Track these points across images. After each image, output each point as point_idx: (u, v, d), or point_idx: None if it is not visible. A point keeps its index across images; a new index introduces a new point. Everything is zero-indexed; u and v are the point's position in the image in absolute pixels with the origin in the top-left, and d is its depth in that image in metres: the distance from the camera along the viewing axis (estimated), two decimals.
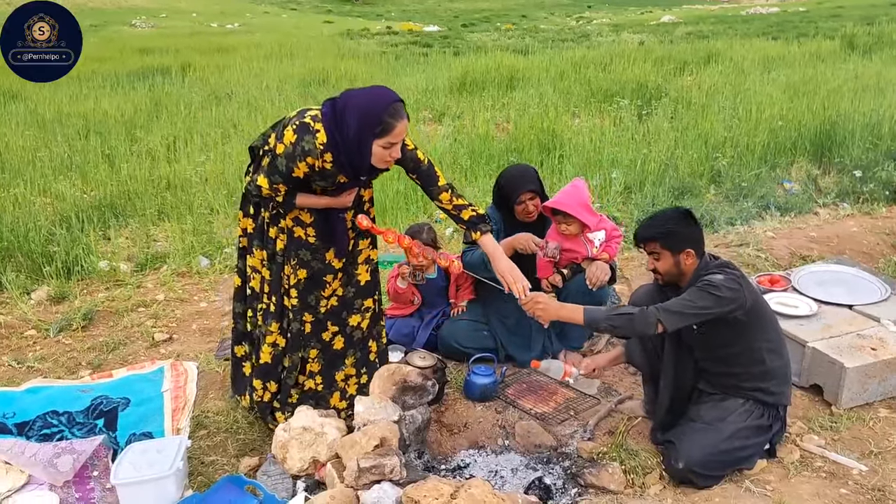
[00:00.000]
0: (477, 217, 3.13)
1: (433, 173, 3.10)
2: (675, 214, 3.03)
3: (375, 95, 2.82)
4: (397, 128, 2.75)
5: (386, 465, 2.74)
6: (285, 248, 3.14)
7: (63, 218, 5.87)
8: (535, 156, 7.28)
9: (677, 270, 2.96)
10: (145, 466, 2.92)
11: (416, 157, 3.05)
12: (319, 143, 2.78)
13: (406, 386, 3.23)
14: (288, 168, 2.81)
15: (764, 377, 2.94)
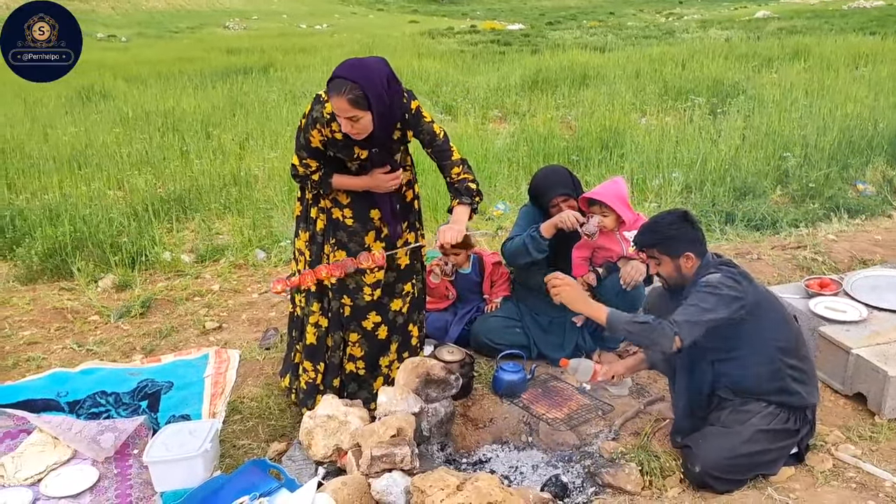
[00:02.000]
0: (466, 188, 3.10)
1: (447, 148, 3.09)
2: (672, 218, 2.96)
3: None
4: (332, 103, 2.79)
5: (397, 455, 2.78)
6: (324, 229, 3.22)
7: (134, 211, 6.19)
8: (595, 155, 7.19)
9: (679, 274, 2.92)
10: (176, 447, 3.07)
11: (431, 130, 3.03)
12: (327, 112, 2.87)
13: (429, 379, 3.26)
14: (305, 139, 2.93)
15: (779, 377, 2.82)
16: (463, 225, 3.05)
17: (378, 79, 2.83)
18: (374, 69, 2.85)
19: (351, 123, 2.81)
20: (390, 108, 2.89)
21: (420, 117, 3.00)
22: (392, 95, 2.88)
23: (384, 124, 2.91)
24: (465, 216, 3.08)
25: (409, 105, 2.99)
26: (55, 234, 5.43)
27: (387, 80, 2.86)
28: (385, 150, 3.05)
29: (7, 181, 6.92)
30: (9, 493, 3.00)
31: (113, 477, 3.15)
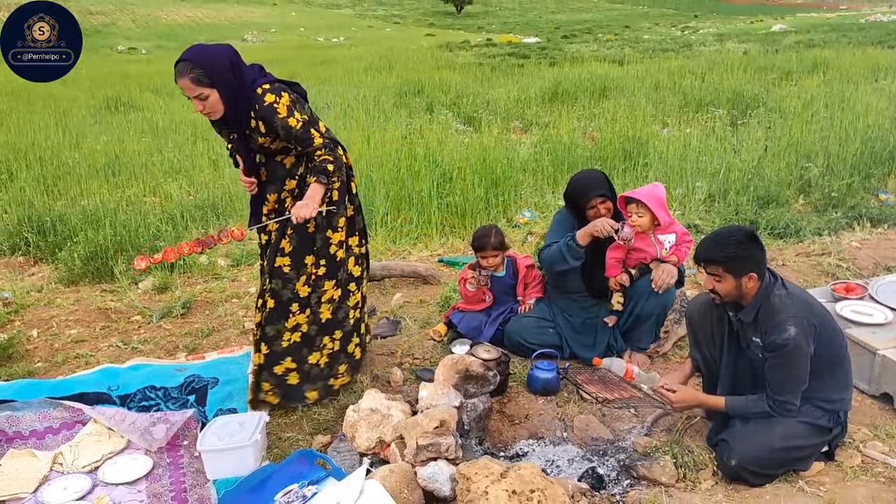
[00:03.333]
0: (324, 168, 3.18)
1: (307, 136, 3.18)
2: (740, 236, 2.92)
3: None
4: (179, 84, 3.04)
5: (442, 444, 2.91)
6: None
7: (169, 216, 6.37)
8: (619, 164, 7.32)
9: (738, 293, 2.95)
10: (227, 437, 3.20)
11: (286, 124, 3.12)
12: None
13: (468, 375, 3.39)
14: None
15: (824, 388, 2.93)
16: (315, 201, 3.13)
17: (220, 59, 3.04)
18: (217, 51, 3.09)
19: (200, 103, 3.04)
20: (240, 89, 3.07)
21: (273, 112, 3.10)
22: (240, 78, 3.08)
23: (235, 105, 3.08)
24: (318, 192, 3.16)
25: (263, 98, 3.10)
26: (96, 238, 5.60)
27: (230, 63, 3.07)
28: (244, 139, 3.22)
29: (46, 187, 7.13)
30: (69, 480, 3.15)
31: (166, 466, 3.29)
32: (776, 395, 2.90)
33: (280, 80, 3.27)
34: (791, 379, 2.88)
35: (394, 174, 6.53)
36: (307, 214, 3.10)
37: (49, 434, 3.49)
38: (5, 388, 3.79)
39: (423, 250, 5.92)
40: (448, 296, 4.79)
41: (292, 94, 3.23)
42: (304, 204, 3.12)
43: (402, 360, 4.06)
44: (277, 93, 3.13)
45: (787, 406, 2.90)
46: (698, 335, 3.27)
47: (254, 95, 3.10)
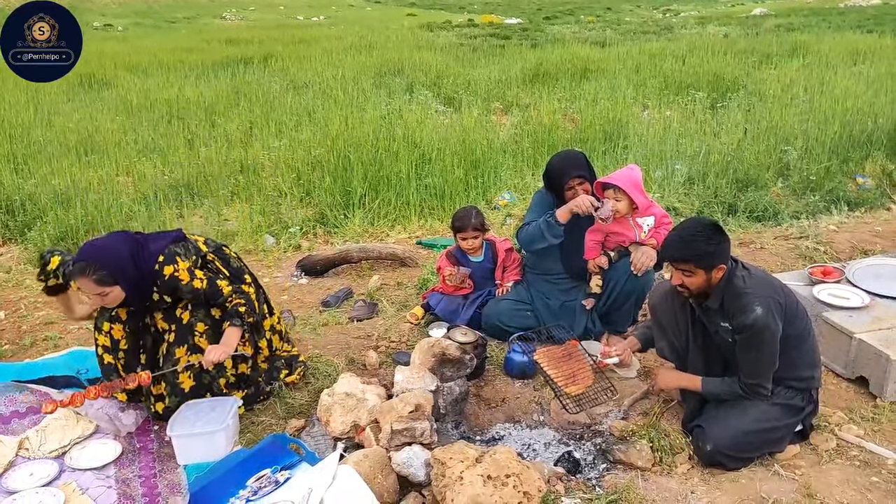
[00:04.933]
0: (237, 312, 3.32)
1: (216, 291, 3.31)
2: (708, 232, 2.89)
3: None
4: (78, 284, 3.11)
5: (417, 429, 2.87)
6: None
7: (143, 196, 6.25)
8: (599, 146, 7.28)
9: (707, 285, 2.94)
10: (198, 422, 3.15)
11: (192, 288, 3.24)
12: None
13: (444, 359, 3.35)
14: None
15: (793, 366, 2.92)
16: (231, 347, 3.27)
17: (121, 255, 3.11)
18: (115, 247, 3.15)
19: (101, 298, 3.10)
20: (140, 275, 3.15)
21: (176, 283, 3.20)
22: (139, 264, 3.14)
23: (138, 289, 3.17)
24: (234, 336, 3.30)
25: (162, 272, 3.18)
26: (67, 218, 5.48)
27: (130, 255, 3.13)
28: (143, 309, 3.31)
29: (15, 166, 6.97)
30: (35, 466, 3.07)
31: (136, 451, 3.23)
32: (748, 379, 2.90)
33: (174, 239, 3.36)
34: (762, 361, 2.87)
35: (372, 155, 6.44)
36: (217, 359, 3.20)
37: (15, 418, 3.41)
38: None
39: (402, 232, 5.86)
40: (426, 278, 4.75)
41: (186, 256, 3.32)
42: (219, 349, 3.23)
43: (378, 344, 4.01)
44: (172, 261, 3.21)
45: (758, 390, 2.91)
46: (663, 323, 3.25)
47: (152, 273, 3.17)
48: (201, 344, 3.31)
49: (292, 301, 4.71)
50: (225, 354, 3.23)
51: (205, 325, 3.34)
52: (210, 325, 3.35)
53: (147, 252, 3.23)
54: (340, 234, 5.82)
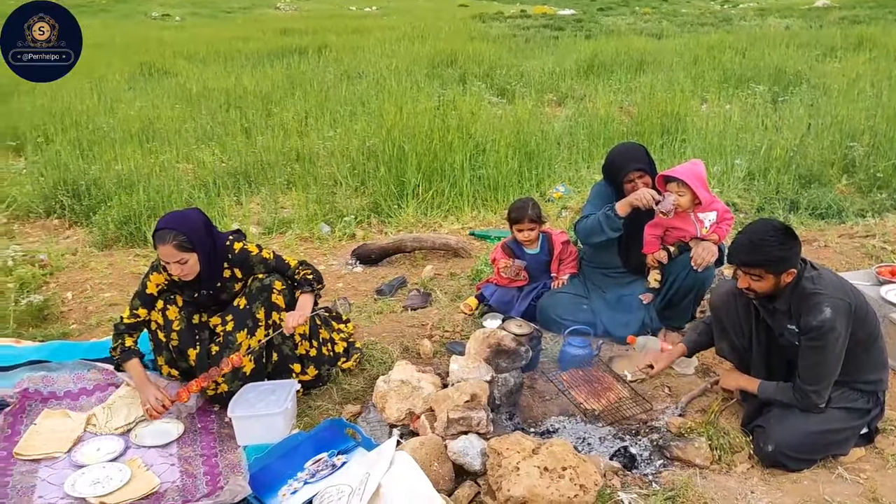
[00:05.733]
0: (306, 280, 3.51)
1: (283, 264, 3.51)
2: (778, 235, 2.78)
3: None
4: (158, 252, 3.24)
5: (473, 418, 2.88)
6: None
7: (202, 183, 6.38)
8: (656, 139, 7.17)
9: (776, 289, 2.85)
10: (258, 404, 3.21)
11: (262, 258, 3.45)
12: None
13: (500, 350, 3.35)
14: (143, 284, 3.46)
15: (861, 369, 2.84)
16: (307, 310, 3.43)
17: (196, 224, 3.29)
18: (192, 216, 3.34)
19: (180, 266, 3.22)
20: (214, 247, 3.33)
21: (246, 254, 3.43)
22: (212, 237, 3.34)
23: (211, 262, 3.33)
24: (308, 302, 3.46)
25: (233, 247, 3.41)
26: (130, 203, 5.63)
27: (204, 225, 3.32)
28: (213, 291, 3.44)
29: (81, 151, 7.17)
30: (102, 441, 3.18)
31: (197, 430, 3.31)
32: (806, 385, 2.82)
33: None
34: (823, 366, 2.79)
35: (426, 145, 6.45)
36: (296, 323, 3.35)
37: (83, 395, 3.53)
38: (40, 348, 3.83)
39: (455, 223, 5.86)
40: (479, 269, 4.75)
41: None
42: (296, 314, 3.38)
43: (432, 333, 4.03)
44: (241, 240, 3.49)
45: (813, 398, 2.82)
46: (724, 324, 3.18)
47: (224, 248, 3.39)
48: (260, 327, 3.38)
49: (347, 289, 4.76)
50: (303, 318, 3.36)
51: (264, 310, 3.40)
52: (266, 310, 3.41)
53: (216, 231, 3.44)
54: (394, 223, 5.86)
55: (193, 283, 3.39)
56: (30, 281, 4.69)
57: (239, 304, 3.38)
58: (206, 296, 3.45)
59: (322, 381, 3.59)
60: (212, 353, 3.35)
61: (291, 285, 3.52)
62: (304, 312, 3.39)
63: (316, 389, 3.56)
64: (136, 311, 3.42)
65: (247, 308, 3.37)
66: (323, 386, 3.58)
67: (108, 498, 2.79)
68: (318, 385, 3.57)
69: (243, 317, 3.36)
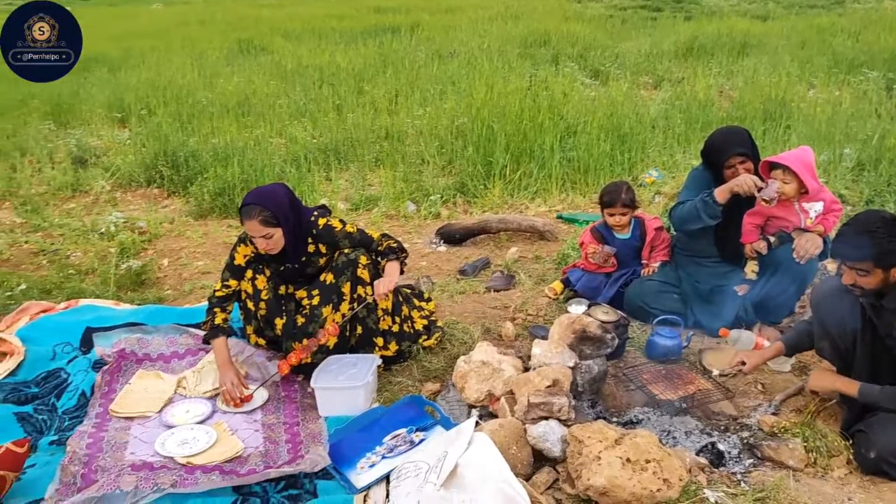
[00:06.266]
0: (390, 249, 3.53)
1: (367, 237, 3.53)
2: (887, 226, 2.60)
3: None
4: (245, 227, 3.28)
5: (554, 404, 2.82)
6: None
7: (294, 158, 6.50)
8: (758, 125, 6.84)
9: (884, 285, 2.66)
10: (340, 376, 3.24)
11: (346, 233, 3.48)
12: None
13: (584, 336, 3.27)
14: (231, 256, 3.52)
15: None
16: (395, 275, 3.42)
17: (282, 199, 3.31)
18: (278, 192, 3.36)
19: (265, 241, 3.26)
20: (299, 222, 3.36)
21: (330, 229, 3.45)
22: (297, 212, 3.37)
23: (296, 237, 3.36)
24: (395, 269, 3.45)
25: (317, 222, 3.44)
26: (225, 175, 5.79)
27: (289, 200, 3.34)
28: (298, 265, 3.48)
29: (181, 123, 7.43)
30: (191, 404, 3.28)
31: (281, 399, 3.37)
32: None
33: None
34: None
35: (516, 125, 6.36)
36: (385, 289, 3.35)
37: (175, 358, 3.65)
38: (137, 311, 3.99)
39: (542, 205, 5.77)
40: (565, 253, 4.65)
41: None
42: (384, 280, 3.38)
43: (514, 316, 3.98)
44: (326, 216, 3.53)
45: None
46: (826, 323, 2.97)
47: (309, 223, 3.44)
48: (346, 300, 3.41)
49: (430, 267, 4.75)
50: (392, 284, 3.36)
51: (350, 285, 3.42)
52: (352, 284, 3.43)
53: (302, 206, 3.48)
54: (480, 204, 5.81)
55: (279, 257, 3.44)
56: (130, 247, 4.89)
57: (326, 279, 3.42)
58: (291, 269, 3.50)
59: (403, 357, 3.59)
60: (297, 324, 3.40)
61: (375, 259, 3.54)
62: (392, 279, 3.39)
63: (397, 365, 3.57)
64: (227, 283, 3.50)
65: (333, 283, 3.40)
66: (404, 362, 3.58)
67: (195, 458, 2.87)
68: (399, 361, 3.58)
69: (329, 291, 3.39)
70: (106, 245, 4.95)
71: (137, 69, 10.20)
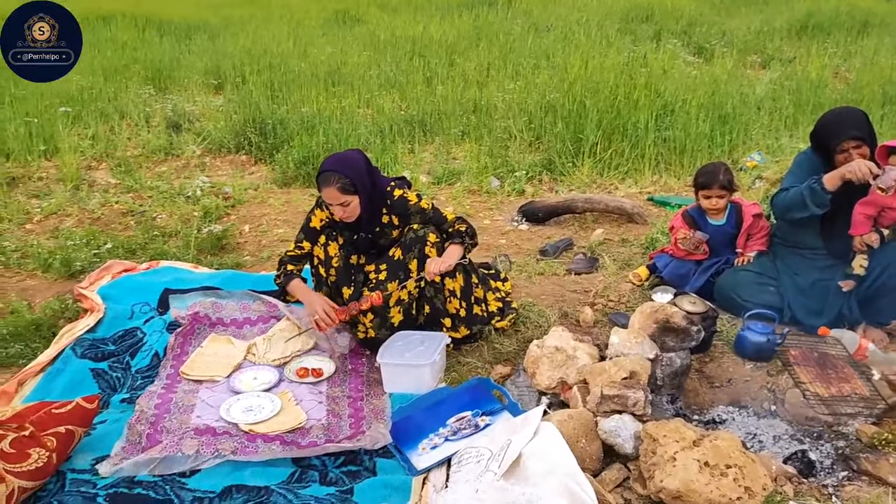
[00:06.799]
0: (458, 232, 3.40)
1: (440, 216, 3.43)
2: None
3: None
4: (322, 194, 3.23)
5: (630, 398, 2.64)
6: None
7: (379, 129, 6.44)
8: (876, 109, 6.31)
9: None
10: (407, 353, 3.15)
11: (420, 208, 3.38)
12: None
13: (668, 327, 3.06)
14: (307, 219, 3.51)
15: None
16: (452, 259, 3.28)
17: (359, 166, 3.24)
18: (356, 158, 3.29)
19: (342, 209, 3.22)
20: (374, 190, 3.29)
21: (404, 201, 3.36)
22: (373, 179, 3.30)
23: (371, 205, 3.30)
24: (456, 252, 3.32)
25: (393, 193, 3.36)
26: (310, 144, 5.78)
27: (366, 168, 3.28)
28: (372, 235, 3.42)
29: (272, 92, 7.49)
30: (259, 371, 3.27)
31: (347, 371, 3.31)
32: None
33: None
34: None
35: (609, 102, 6.08)
36: (437, 270, 3.23)
37: (247, 325, 3.65)
38: (214, 276, 4.02)
39: (632, 186, 5.51)
40: (654, 238, 4.41)
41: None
42: (438, 260, 3.26)
43: (594, 301, 3.78)
44: (403, 187, 3.42)
45: None
46: None
47: (384, 193, 3.36)
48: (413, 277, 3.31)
49: (510, 245, 4.60)
50: (446, 266, 3.24)
51: (417, 262, 3.31)
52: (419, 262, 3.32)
53: (379, 174, 3.43)
54: (566, 182, 5.60)
55: (353, 226, 3.37)
56: (213, 211, 4.94)
57: (394, 255, 3.33)
58: (364, 239, 3.43)
59: (473, 338, 3.47)
60: (363, 296, 3.33)
61: (445, 239, 3.42)
62: (447, 261, 3.27)
63: (467, 346, 3.45)
64: (301, 244, 3.47)
65: (400, 259, 3.30)
66: (474, 343, 3.46)
67: (258, 426, 2.85)
68: (470, 342, 3.46)
69: (396, 268, 3.30)
70: (191, 209, 5.02)
71: (236, 37, 10.37)
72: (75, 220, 4.95)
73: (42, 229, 4.85)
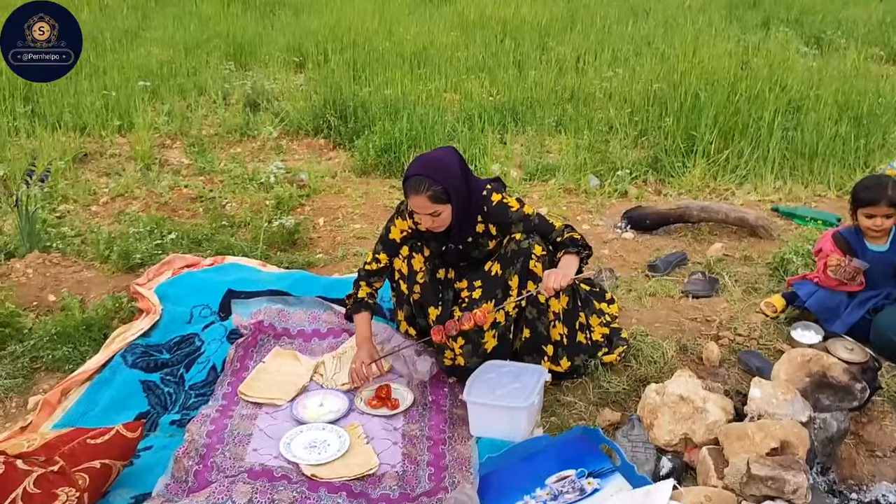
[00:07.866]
0: (571, 241, 2.87)
1: (547, 224, 2.90)
2: None
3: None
4: (409, 202, 2.75)
5: (788, 482, 2.08)
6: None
7: (467, 116, 5.94)
8: None
9: None
10: (499, 390, 2.66)
11: (523, 215, 2.87)
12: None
13: (824, 382, 2.49)
14: (386, 229, 3.06)
15: None
16: (571, 271, 2.77)
17: (454, 171, 2.76)
18: (450, 162, 2.78)
19: (431, 219, 2.76)
20: (469, 198, 2.81)
21: (505, 208, 2.87)
22: (469, 185, 2.80)
23: (465, 215, 2.82)
24: (572, 262, 2.81)
25: (490, 198, 2.87)
26: (392, 131, 5.33)
27: (461, 171, 2.78)
28: (463, 247, 2.94)
29: (354, 72, 7.08)
30: (327, 397, 2.85)
31: (427, 404, 2.86)
32: None
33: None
34: None
35: (726, 96, 5.42)
36: (556, 283, 2.70)
37: (315, 337, 3.24)
38: (283, 277, 3.63)
39: (752, 193, 4.85)
40: (784, 257, 3.79)
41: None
42: (557, 273, 2.72)
43: (720, 334, 3.21)
44: (501, 191, 2.95)
45: None
46: None
47: (480, 199, 2.88)
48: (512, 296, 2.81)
49: (613, 257, 4.05)
50: (565, 279, 2.71)
51: (518, 279, 2.81)
52: (521, 279, 2.82)
53: (473, 177, 2.91)
54: (675, 184, 4.98)
55: (441, 235, 2.89)
56: (286, 201, 4.55)
57: (491, 269, 2.83)
58: (454, 250, 2.94)
59: (576, 372, 2.95)
60: (454, 316, 2.85)
61: (552, 252, 2.90)
62: (567, 274, 2.73)
63: (567, 381, 2.94)
64: (378, 256, 3.02)
65: (499, 275, 2.80)
66: (577, 378, 2.94)
67: (321, 470, 2.43)
68: (572, 377, 2.95)
69: (494, 285, 2.81)
70: (263, 197, 4.65)
71: (320, 13, 10.00)
72: (142, 203, 4.64)
73: (107, 212, 4.55)
